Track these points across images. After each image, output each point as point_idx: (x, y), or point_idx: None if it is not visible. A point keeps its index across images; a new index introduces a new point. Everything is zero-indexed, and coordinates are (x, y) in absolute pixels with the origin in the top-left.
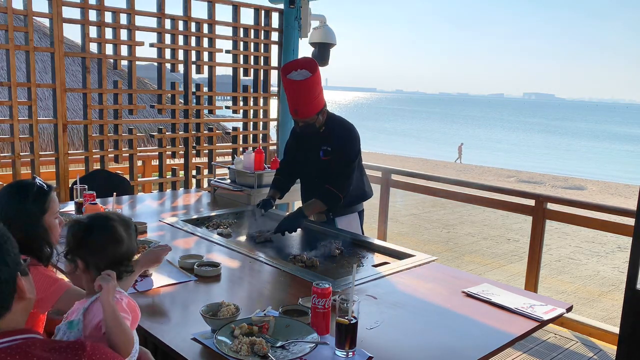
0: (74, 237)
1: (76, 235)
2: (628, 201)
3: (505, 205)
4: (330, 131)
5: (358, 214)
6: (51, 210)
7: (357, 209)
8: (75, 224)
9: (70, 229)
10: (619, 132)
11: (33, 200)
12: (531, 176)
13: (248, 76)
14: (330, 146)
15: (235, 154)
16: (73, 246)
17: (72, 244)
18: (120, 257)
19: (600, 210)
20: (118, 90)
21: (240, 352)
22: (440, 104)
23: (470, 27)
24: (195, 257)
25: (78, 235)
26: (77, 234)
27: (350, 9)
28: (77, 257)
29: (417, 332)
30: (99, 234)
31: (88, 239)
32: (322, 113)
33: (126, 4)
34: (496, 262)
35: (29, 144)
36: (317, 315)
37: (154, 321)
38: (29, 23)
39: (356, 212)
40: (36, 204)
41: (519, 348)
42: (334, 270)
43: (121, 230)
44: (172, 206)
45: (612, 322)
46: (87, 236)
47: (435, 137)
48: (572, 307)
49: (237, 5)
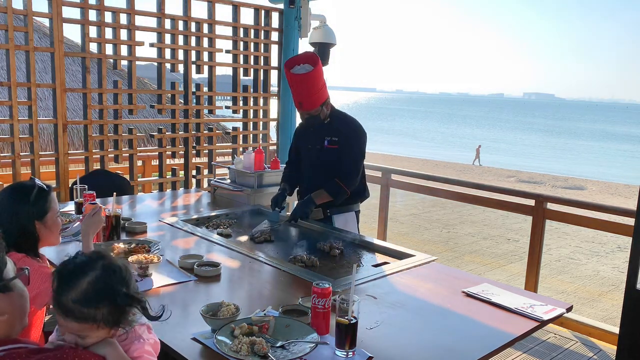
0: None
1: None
2: (628, 201)
3: (505, 205)
4: (335, 123)
5: (355, 213)
6: (52, 210)
7: (355, 208)
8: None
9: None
10: (619, 132)
11: (34, 202)
12: (531, 176)
13: (248, 76)
14: (337, 137)
15: (235, 154)
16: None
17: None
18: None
19: (600, 210)
20: (118, 90)
21: (240, 352)
22: (440, 104)
23: (470, 27)
24: (195, 257)
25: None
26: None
27: (350, 9)
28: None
29: (417, 332)
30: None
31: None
32: (326, 105)
33: (126, 4)
34: (496, 262)
35: (29, 144)
36: (317, 315)
37: (153, 321)
38: (29, 23)
39: (353, 212)
40: (36, 205)
41: (519, 348)
42: (334, 270)
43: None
44: (172, 206)
45: (612, 322)
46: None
47: (436, 138)
48: (572, 307)
49: (237, 5)
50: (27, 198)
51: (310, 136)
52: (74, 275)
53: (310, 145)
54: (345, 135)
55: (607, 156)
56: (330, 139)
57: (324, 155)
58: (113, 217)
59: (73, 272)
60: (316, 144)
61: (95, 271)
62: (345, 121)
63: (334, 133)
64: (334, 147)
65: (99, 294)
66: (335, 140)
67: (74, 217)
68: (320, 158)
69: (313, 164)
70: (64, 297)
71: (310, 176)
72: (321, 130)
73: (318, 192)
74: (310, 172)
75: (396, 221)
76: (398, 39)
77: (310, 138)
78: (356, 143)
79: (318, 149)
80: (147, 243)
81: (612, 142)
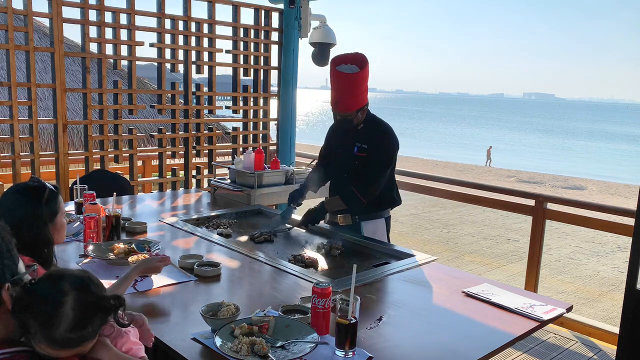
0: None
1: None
2: (628, 201)
3: (505, 205)
4: (368, 130)
5: (385, 220)
6: (61, 211)
7: (384, 214)
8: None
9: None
10: (619, 132)
11: (46, 204)
12: (531, 176)
13: (248, 76)
14: (367, 144)
15: (235, 154)
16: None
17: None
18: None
19: (600, 210)
20: (118, 90)
21: (240, 352)
22: (440, 104)
23: (470, 26)
24: (195, 257)
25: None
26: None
27: (350, 9)
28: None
29: (417, 332)
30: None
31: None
32: (362, 111)
33: (126, 4)
34: (496, 262)
35: (29, 144)
36: (317, 315)
37: (153, 321)
38: (29, 23)
39: (383, 218)
40: (49, 206)
41: (519, 348)
42: (334, 270)
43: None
44: (172, 206)
45: (612, 322)
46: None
47: (435, 137)
48: (572, 307)
49: (237, 5)
50: (40, 200)
51: (341, 139)
52: (51, 312)
53: (341, 149)
54: (374, 142)
55: (607, 156)
56: (360, 146)
57: (353, 162)
58: (113, 217)
59: (48, 310)
60: (346, 148)
61: (68, 294)
62: (378, 128)
63: (364, 140)
64: (363, 155)
65: (86, 310)
66: (365, 148)
67: (74, 217)
68: (349, 165)
69: (341, 168)
70: (57, 334)
71: (338, 179)
72: (353, 136)
73: (332, 199)
74: (338, 175)
75: (396, 221)
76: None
77: (341, 141)
78: (384, 152)
79: (348, 154)
80: (147, 243)
81: (612, 142)
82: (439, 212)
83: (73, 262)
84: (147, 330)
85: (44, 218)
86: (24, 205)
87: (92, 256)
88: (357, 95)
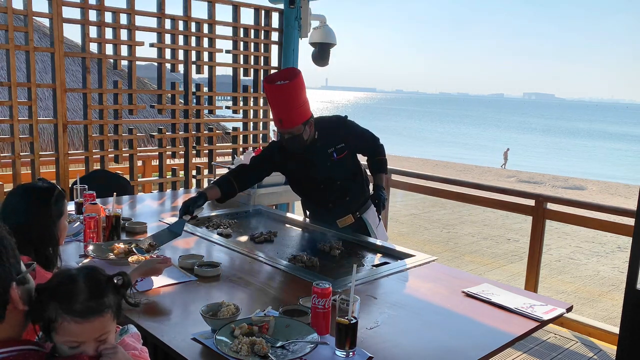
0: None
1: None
2: (628, 201)
3: (505, 205)
4: (330, 131)
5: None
6: (65, 213)
7: (368, 195)
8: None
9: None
10: (619, 132)
11: (55, 204)
12: (531, 176)
13: (248, 76)
14: (343, 142)
15: (235, 154)
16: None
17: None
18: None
19: (600, 210)
20: (118, 90)
21: (240, 352)
22: (440, 104)
23: (470, 26)
24: (195, 257)
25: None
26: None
27: (350, 9)
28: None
29: (417, 332)
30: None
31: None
32: (309, 124)
33: (126, 4)
34: (496, 262)
35: (29, 144)
36: (317, 315)
37: (154, 321)
38: (29, 23)
39: (369, 200)
40: (57, 207)
41: (519, 348)
42: (334, 270)
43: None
44: (172, 206)
45: (612, 322)
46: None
47: (434, 137)
48: (572, 307)
49: (237, 5)
50: (49, 200)
51: (305, 159)
52: (69, 285)
53: (307, 165)
54: (345, 134)
55: (607, 156)
56: (336, 148)
57: (337, 167)
58: (113, 217)
59: (66, 288)
60: (324, 162)
61: (80, 272)
62: (335, 123)
63: (337, 140)
64: (344, 154)
65: (99, 284)
66: (343, 147)
67: (74, 217)
68: (339, 171)
69: (315, 181)
70: (77, 304)
71: (315, 194)
72: (320, 147)
73: (378, 178)
74: (314, 191)
75: (396, 221)
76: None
77: (308, 160)
78: (355, 126)
79: (327, 165)
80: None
81: (612, 142)
82: (438, 212)
83: (73, 262)
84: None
85: (52, 217)
86: (33, 204)
87: (92, 256)
88: (298, 105)
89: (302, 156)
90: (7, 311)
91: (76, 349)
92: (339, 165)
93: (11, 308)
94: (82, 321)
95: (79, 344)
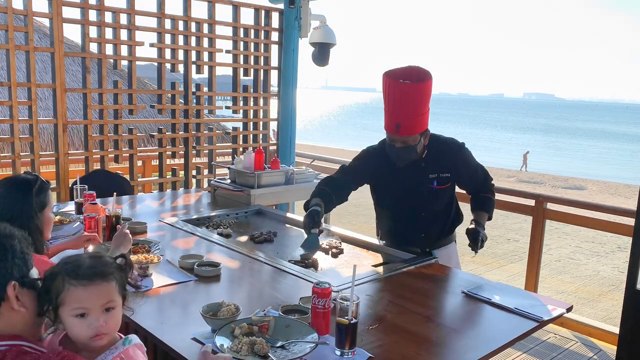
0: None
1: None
2: (628, 201)
3: (505, 205)
4: (438, 154)
5: (455, 243)
6: (49, 204)
7: (453, 237)
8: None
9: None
10: (619, 132)
11: (36, 195)
12: (531, 176)
13: (248, 76)
14: (448, 172)
15: (235, 154)
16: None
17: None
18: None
19: (600, 210)
20: (118, 90)
21: (240, 352)
22: (440, 104)
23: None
24: (195, 257)
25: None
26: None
27: (350, 9)
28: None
29: (417, 332)
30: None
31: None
32: (425, 136)
33: (126, 4)
34: (496, 262)
35: (29, 144)
36: (317, 315)
37: (154, 321)
38: (29, 23)
39: (453, 241)
40: (39, 197)
41: (519, 348)
42: (334, 270)
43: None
44: (172, 206)
45: (612, 322)
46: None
47: None
48: (572, 307)
49: (237, 5)
50: (30, 190)
51: (401, 174)
52: (75, 261)
53: (406, 186)
54: (455, 163)
55: (607, 156)
56: (439, 176)
57: (435, 198)
58: (113, 217)
59: (71, 262)
60: (419, 185)
61: (83, 254)
62: (450, 146)
63: (444, 168)
64: (446, 186)
65: (102, 257)
66: (448, 177)
67: (74, 217)
68: (430, 203)
69: (416, 208)
70: (82, 270)
71: (412, 220)
72: (420, 169)
73: (480, 216)
74: (404, 216)
75: None
76: (398, 39)
77: (403, 177)
78: (470, 158)
79: (424, 192)
80: (147, 243)
81: (612, 142)
82: None
83: None
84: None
85: (34, 207)
86: (14, 194)
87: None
88: (421, 113)
89: (398, 170)
90: (3, 308)
91: (83, 319)
92: (435, 195)
93: (8, 306)
94: (88, 284)
95: (86, 310)
